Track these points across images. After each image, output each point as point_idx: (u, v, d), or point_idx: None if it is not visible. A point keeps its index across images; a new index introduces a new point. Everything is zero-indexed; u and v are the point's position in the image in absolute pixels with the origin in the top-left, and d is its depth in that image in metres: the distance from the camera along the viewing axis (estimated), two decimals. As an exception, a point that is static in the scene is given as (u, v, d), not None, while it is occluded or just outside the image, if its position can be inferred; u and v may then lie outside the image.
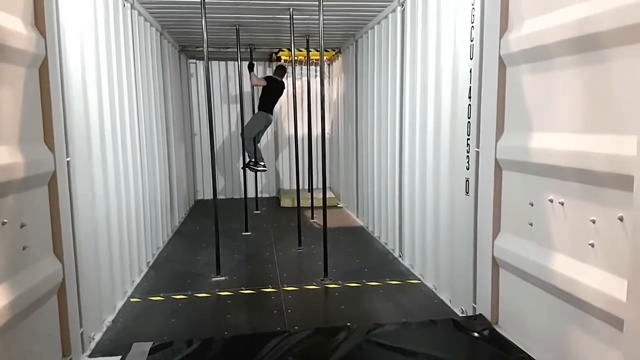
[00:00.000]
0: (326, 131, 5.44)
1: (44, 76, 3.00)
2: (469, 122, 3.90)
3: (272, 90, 8.22)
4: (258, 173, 8.76)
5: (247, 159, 8.29)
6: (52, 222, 3.11)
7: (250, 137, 8.24)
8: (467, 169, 3.95)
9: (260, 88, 8.26)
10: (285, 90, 8.42)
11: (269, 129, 9.07)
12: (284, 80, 8.39)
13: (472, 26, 3.78)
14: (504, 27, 3.33)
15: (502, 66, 3.37)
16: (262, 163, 8.34)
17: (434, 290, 4.78)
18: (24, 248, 2.76)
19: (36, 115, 2.97)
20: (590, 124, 2.63)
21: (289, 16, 6.14)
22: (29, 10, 2.89)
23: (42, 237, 3.01)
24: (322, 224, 5.43)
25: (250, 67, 8.33)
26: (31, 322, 2.82)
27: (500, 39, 3.34)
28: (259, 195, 9.36)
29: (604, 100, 2.53)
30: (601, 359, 2.58)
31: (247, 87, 8.89)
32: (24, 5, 2.84)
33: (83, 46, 3.80)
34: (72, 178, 3.33)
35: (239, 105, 8.10)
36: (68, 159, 3.27)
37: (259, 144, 8.69)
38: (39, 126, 3.01)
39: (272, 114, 8.44)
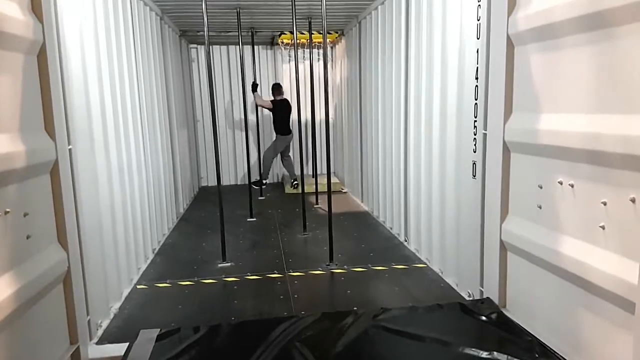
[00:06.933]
0: (330, 116, 5.39)
1: (43, 63, 2.94)
2: (475, 103, 3.83)
3: (280, 112, 8.75)
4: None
5: (259, 177, 8.76)
6: (56, 211, 3.09)
7: (270, 158, 8.87)
8: (474, 151, 3.89)
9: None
10: (287, 75, 8.41)
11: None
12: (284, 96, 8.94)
13: (479, 5, 3.69)
14: (511, 5, 3.23)
15: (510, 46, 3.28)
16: (265, 180, 8.81)
17: (440, 274, 4.77)
18: (27, 237, 2.75)
19: (36, 102, 2.93)
20: (601, 104, 2.56)
21: (290, -2, 6.03)
22: (25, -5, 2.83)
23: (45, 226, 2.99)
24: (326, 209, 5.41)
25: (254, 88, 8.58)
26: (37, 311, 2.81)
27: (508, 17, 3.25)
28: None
29: (615, 79, 2.46)
30: (611, 342, 2.55)
31: (248, 73, 8.78)
32: (20, -10, 2.77)
33: (82, 32, 3.74)
34: (75, 166, 3.31)
35: (241, 90, 8.01)
36: (70, 146, 3.24)
37: (290, 157, 9.24)
38: (39, 114, 2.96)
39: (290, 132, 8.89)
